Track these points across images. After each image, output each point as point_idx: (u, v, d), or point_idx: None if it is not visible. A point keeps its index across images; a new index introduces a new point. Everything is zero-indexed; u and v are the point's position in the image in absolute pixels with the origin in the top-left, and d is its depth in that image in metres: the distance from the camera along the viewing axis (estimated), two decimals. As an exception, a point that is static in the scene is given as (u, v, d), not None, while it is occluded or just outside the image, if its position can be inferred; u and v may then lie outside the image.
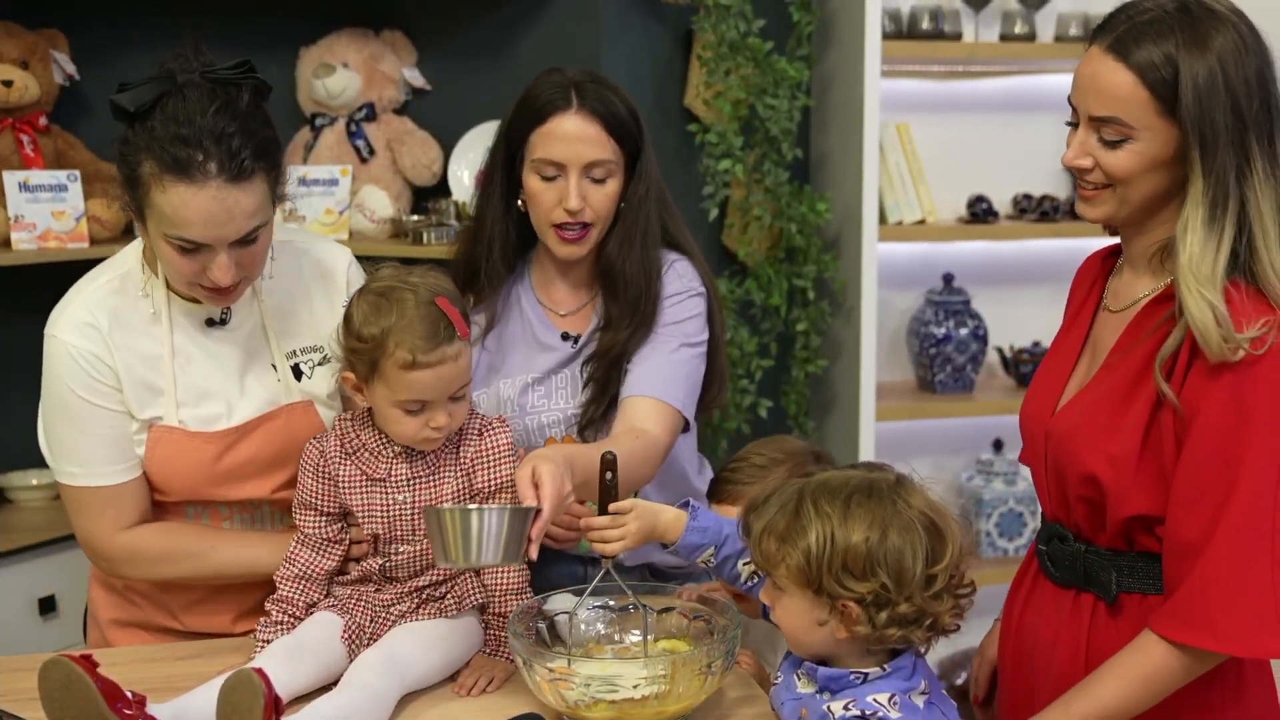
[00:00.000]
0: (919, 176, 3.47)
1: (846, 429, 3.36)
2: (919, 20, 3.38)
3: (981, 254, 3.66)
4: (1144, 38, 1.55)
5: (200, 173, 1.71)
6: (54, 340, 1.89)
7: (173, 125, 1.72)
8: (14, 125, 2.99)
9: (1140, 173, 1.59)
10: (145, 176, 1.74)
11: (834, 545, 1.48)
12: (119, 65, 3.14)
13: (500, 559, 1.66)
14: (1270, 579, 1.52)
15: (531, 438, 2.12)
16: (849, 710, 1.50)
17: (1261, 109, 1.56)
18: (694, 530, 1.76)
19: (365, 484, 1.85)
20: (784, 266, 3.32)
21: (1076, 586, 1.71)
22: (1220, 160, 1.54)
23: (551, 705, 1.69)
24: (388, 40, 3.23)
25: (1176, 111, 1.54)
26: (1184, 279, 1.56)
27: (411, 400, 1.77)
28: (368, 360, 1.78)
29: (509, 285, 2.16)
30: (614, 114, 2.01)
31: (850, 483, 1.54)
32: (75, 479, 1.92)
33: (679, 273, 2.13)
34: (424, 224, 3.05)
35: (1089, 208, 1.66)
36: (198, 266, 1.79)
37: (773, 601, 1.58)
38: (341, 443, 1.87)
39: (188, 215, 1.73)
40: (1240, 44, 1.55)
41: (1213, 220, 1.56)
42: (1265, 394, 1.53)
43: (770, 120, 3.19)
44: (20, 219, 2.88)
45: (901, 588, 1.48)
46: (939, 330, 3.51)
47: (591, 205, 2.02)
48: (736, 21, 3.11)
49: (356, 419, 1.88)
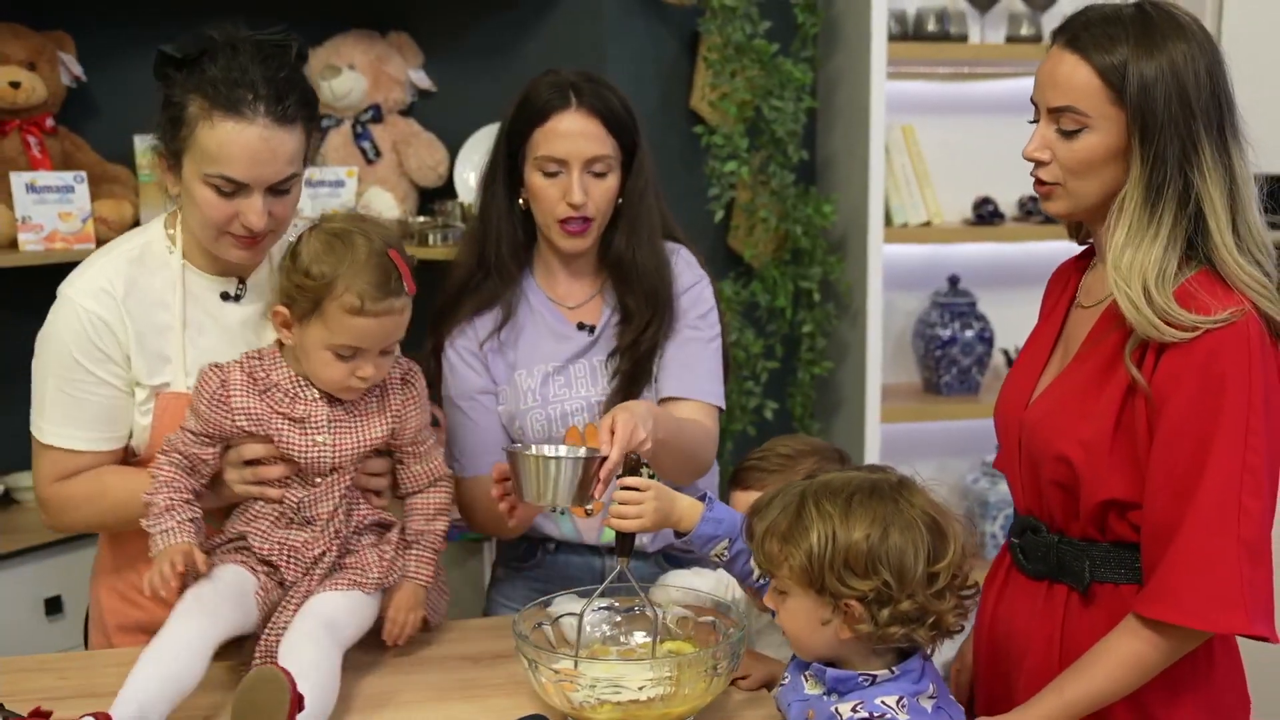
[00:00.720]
0: (924, 178, 3.47)
1: (852, 431, 3.36)
2: (924, 22, 3.38)
3: (987, 256, 3.66)
4: (1098, 32, 1.63)
5: (250, 110, 1.79)
6: (66, 300, 1.91)
7: (224, 69, 1.81)
8: (21, 126, 2.99)
9: (1095, 164, 1.64)
10: (192, 115, 1.81)
11: (835, 544, 1.49)
12: (125, 67, 3.15)
13: (571, 501, 1.76)
14: (1235, 557, 1.56)
15: (554, 426, 2.14)
16: (857, 712, 1.50)
17: (1211, 100, 1.61)
18: (709, 521, 1.76)
19: (280, 422, 1.84)
20: (789, 268, 3.32)
21: (1049, 578, 1.75)
22: (1161, 146, 1.59)
23: (557, 707, 1.69)
24: (394, 42, 3.23)
25: (1124, 98, 1.60)
26: (1108, 267, 1.64)
27: (346, 346, 1.79)
28: (311, 298, 1.78)
29: (517, 282, 2.18)
30: (611, 110, 2.06)
31: (852, 483, 1.54)
32: (44, 435, 1.93)
33: (687, 261, 2.20)
34: (430, 226, 3.06)
35: (1048, 204, 1.72)
36: (231, 210, 1.83)
37: (777, 605, 1.58)
38: (251, 378, 1.85)
39: (233, 151, 1.79)
40: (1193, 44, 1.61)
41: (1149, 204, 1.62)
42: (1231, 377, 1.56)
43: (776, 122, 3.19)
44: (27, 220, 2.89)
45: (903, 585, 1.48)
46: (944, 332, 3.51)
47: (593, 199, 2.06)
48: (742, 23, 3.12)
49: (265, 357, 1.87)
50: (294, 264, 1.80)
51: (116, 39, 3.14)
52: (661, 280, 2.13)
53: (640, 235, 2.13)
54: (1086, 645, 1.68)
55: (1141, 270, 1.61)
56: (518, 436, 2.15)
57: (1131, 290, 1.60)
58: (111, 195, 3.03)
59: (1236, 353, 1.57)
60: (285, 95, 1.82)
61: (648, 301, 2.12)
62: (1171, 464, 1.59)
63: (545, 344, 2.16)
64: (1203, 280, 1.61)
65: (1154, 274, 1.60)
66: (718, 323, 2.19)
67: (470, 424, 2.15)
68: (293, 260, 1.81)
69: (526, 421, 2.13)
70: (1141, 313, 1.59)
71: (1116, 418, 1.64)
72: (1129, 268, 1.61)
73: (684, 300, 2.16)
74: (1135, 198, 1.62)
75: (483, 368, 2.15)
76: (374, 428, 1.88)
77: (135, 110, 3.12)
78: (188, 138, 1.81)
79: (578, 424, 2.13)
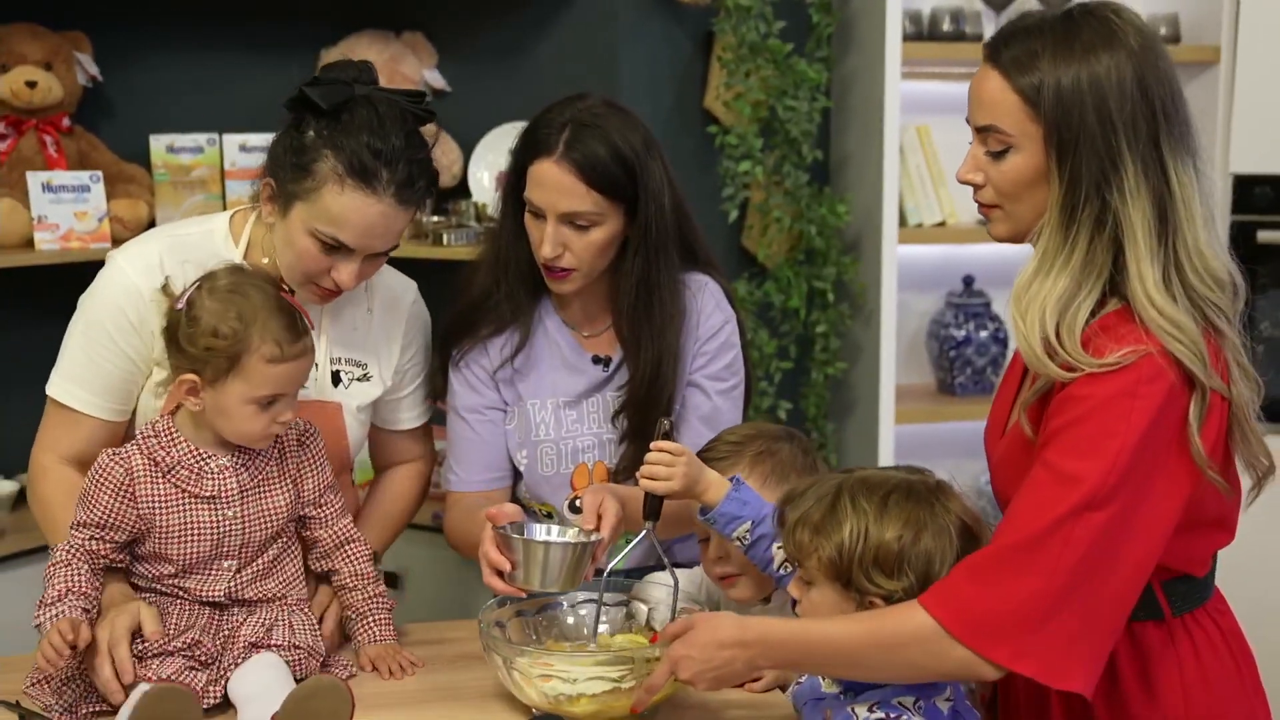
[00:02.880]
0: (939, 179, 3.46)
1: (866, 432, 3.35)
2: (939, 22, 3.37)
3: (1002, 256, 3.61)
4: (1018, 47, 1.54)
5: (382, 188, 1.82)
6: (115, 265, 1.93)
7: (366, 135, 1.82)
8: (37, 126, 3.00)
9: (1024, 185, 1.55)
10: (324, 171, 1.82)
11: (867, 540, 1.49)
12: (142, 67, 3.17)
13: (564, 585, 1.77)
14: (1022, 589, 1.45)
15: (564, 461, 2.11)
16: (874, 713, 1.50)
17: (1140, 114, 1.49)
18: (734, 500, 1.76)
19: (186, 502, 1.77)
20: (803, 269, 3.32)
21: None
22: (1076, 164, 1.49)
23: (533, 702, 1.70)
24: (408, 42, 3.24)
25: (1040, 114, 1.52)
26: (1012, 298, 1.54)
27: (267, 395, 1.75)
28: (225, 357, 1.71)
29: (533, 307, 2.12)
30: (595, 166, 1.93)
31: (890, 482, 1.55)
32: (53, 388, 1.94)
33: (716, 300, 2.12)
34: (444, 225, 3.06)
35: (990, 227, 1.64)
36: (327, 265, 1.87)
37: (800, 595, 1.59)
38: (153, 460, 1.77)
39: (352, 220, 1.83)
40: (1119, 55, 1.50)
41: (1064, 227, 1.51)
42: (1100, 421, 1.45)
43: (790, 122, 3.19)
44: (43, 219, 2.90)
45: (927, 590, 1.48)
46: (959, 333, 3.50)
47: (573, 251, 1.97)
48: (756, 23, 3.11)
49: (161, 434, 1.79)
50: (195, 329, 1.73)
51: (133, 39, 3.15)
52: (669, 333, 2.04)
53: (642, 289, 2.03)
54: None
55: (1042, 304, 1.50)
56: (526, 464, 2.12)
57: (1026, 324, 1.50)
58: (127, 195, 3.04)
59: (1121, 393, 1.44)
60: (417, 179, 1.86)
61: (647, 357, 2.04)
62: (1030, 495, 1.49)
63: (559, 376, 2.11)
64: (1114, 320, 1.49)
65: (1054, 308, 1.49)
66: (741, 369, 2.15)
67: (473, 437, 2.12)
68: (191, 326, 1.73)
69: (537, 453, 2.11)
70: (1032, 348, 1.49)
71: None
72: (1029, 300, 1.51)
73: (709, 345, 2.10)
74: (1051, 221, 1.52)
75: (494, 389, 2.12)
76: (276, 494, 1.83)
77: (151, 110, 3.17)
78: (311, 190, 1.83)
79: (587, 461, 2.11)
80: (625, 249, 2.03)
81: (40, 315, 2.32)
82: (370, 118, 1.84)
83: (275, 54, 3.00)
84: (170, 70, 3.18)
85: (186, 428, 1.80)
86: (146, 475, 1.77)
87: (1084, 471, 1.45)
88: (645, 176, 1.98)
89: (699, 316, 2.10)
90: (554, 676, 1.67)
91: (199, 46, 3.19)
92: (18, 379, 2.41)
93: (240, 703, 1.70)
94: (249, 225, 1.98)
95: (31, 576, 2.85)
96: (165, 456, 1.78)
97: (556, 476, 2.12)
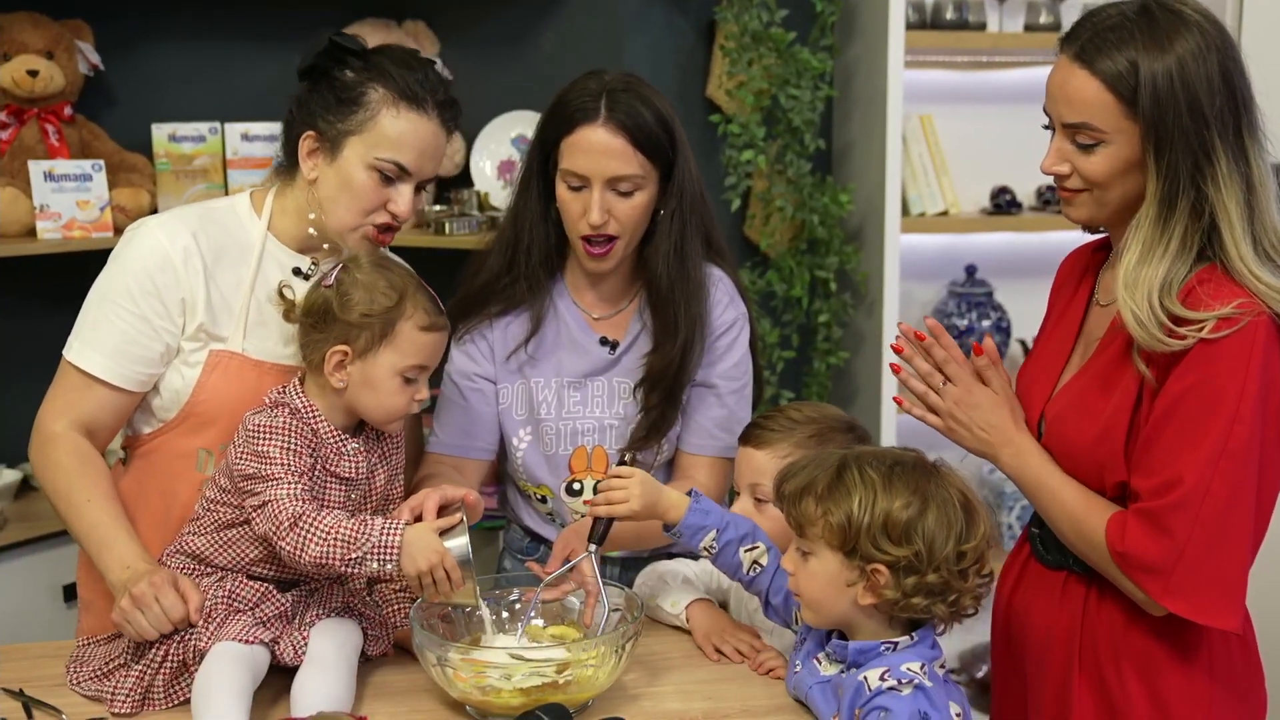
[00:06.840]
0: (942, 168, 3.45)
1: (868, 421, 3.35)
2: (943, 10, 3.37)
3: (1004, 246, 3.65)
4: (1107, 43, 1.59)
5: (430, 107, 1.93)
6: (146, 229, 1.94)
7: (404, 68, 1.93)
8: (39, 115, 3.01)
9: (1116, 175, 1.63)
10: (375, 100, 1.90)
11: (876, 508, 1.54)
12: (143, 56, 3.17)
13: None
14: (1185, 536, 1.56)
15: (564, 442, 2.11)
16: (885, 680, 1.53)
17: (1226, 106, 1.57)
18: (697, 512, 1.78)
19: (325, 479, 1.81)
20: (806, 258, 3.32)
21: (1068, 569, 1.75)
22: (1174, 159, 1.57)
23: (463, 695, 1.69)
24: (410, 30, 3.23)
25: (1138, 111, 1.57)
26: (1118, 283, 1.61)
27: (415, 366, 1.80)
28: (380, 325, 1.78)
29: (547, 290, 2.12)
30: (642, 127, 1.96)
31: (892, 455, 1.61)
32: (70, 351, 1.93)
33: (729, 295, 2.12)
34: (446, 214, 3.06)
35: (1070, 209, 1.71)
36: (384, 198, 1.92)
37: (795, 568, 1.62)
38: (315, 432, 1.81)
39: (409, 141, 1.91)
40: (1202, 43, 1.57)
41: (1163, 219, 1.59)
42: (1231, 370, 1.55)
43: (793, 111, 3.18)
44: (45, 208, 2.90)
45: (932, 558, 1.53)
46: (961, 322, 3.50)
47: (617, 218, 1.98)
48: (759, 12, 3.11)
49: (302, 411, 1.81)
50: (349, 299, 1.79)
51: (135, 28, 3.15)
52: (687, 308, 2.04)
53: (666, 258, 2.04)
54: (1103, 636, 1.69)
55: (1148, 286, 1.58)
56: (528, 442, 2.11)
57: (1138, 307, 1.58)
58: (129, 184, 3.05)
59: (1240, 346, 1.55)
60: (452, 104, 1.98)
61: (669, 330, 2.05)
62: (1154, 440, 1.59)
63: (565, 356, 2.11)
64: (1210, 274, 1.59)
65: (1159, 287, 1.58)
66: (750, 368, 2.15)
67: (461, 403, 2.12)
68: (344, 298, 1.79)
69: (539, 431, 2.11)
70: (1145, 328, 1.57)
71: (1132, 412, 1.64)
72: (1134, 284, 1.60)
73: (720, 342, 2.10)
74: (1149, 214, 1.60)
75: (491, 362, 2.12)
76: (379, 476, 1.87)
77: (153, 99, 3.17)
78: (366, 121, 1.89)
79: (586, 445, 2.11)
80: (654, 222, 2.05)
81: (42, 304, 2.33)
82: (399, 53, 1.95)
83: (277, 43, 2.99)
84: (172, 59, 3.18)
85: (326, 404, 1.83)
86: (309, 445, 1.79)
87: (1215, 414, 1.55)
88: (680, 141, 2.03)
89: (714, 309, 2.11)
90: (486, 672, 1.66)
91: (201, 35, 3.19)
92: (19, 368, 2.42)
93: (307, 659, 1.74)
94: (269, 199, 1.99)
95: (35, 565, 2.87)
96: (312, 434, 1.81)
97: (557, 456, 2.12)
